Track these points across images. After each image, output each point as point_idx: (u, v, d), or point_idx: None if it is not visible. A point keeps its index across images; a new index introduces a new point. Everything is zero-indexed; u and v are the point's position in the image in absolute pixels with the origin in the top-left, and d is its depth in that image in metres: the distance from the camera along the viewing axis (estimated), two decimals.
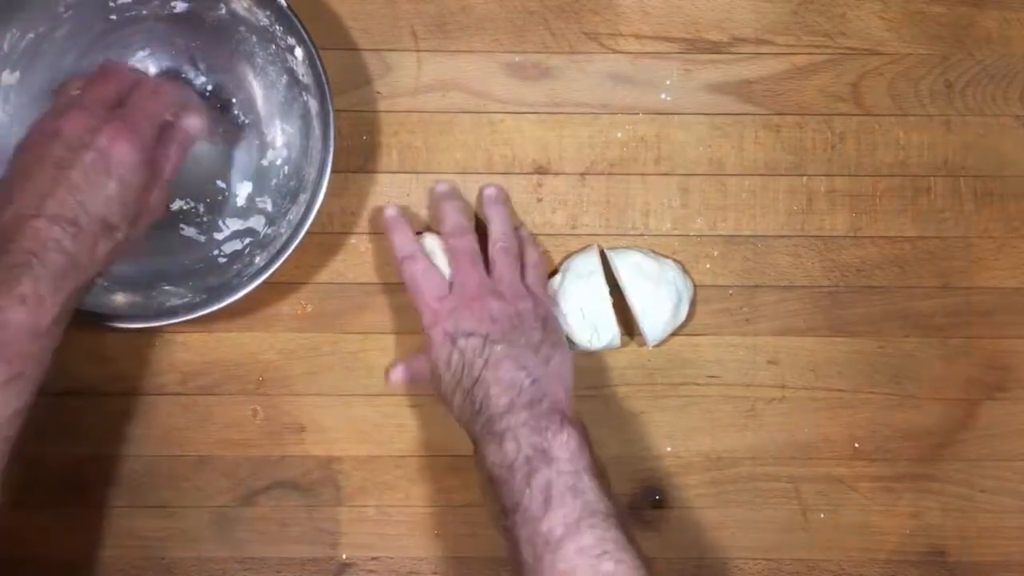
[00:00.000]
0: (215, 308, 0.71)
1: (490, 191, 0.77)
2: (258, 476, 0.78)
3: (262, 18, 0.72)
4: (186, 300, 0.73)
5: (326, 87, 0.71)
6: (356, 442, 0.78)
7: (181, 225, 0.78)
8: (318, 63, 0.70)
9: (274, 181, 0.77)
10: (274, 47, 0.73)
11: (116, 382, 0.78)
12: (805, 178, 0.79)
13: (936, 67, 0.79)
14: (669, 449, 0.79)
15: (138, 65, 0.76)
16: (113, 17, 0.74)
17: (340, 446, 0.78)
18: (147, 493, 0.78)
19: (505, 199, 0.77)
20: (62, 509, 0.78)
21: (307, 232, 0.71)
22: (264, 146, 0.77)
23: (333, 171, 0.71)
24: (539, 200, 0.79)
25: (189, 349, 0.78)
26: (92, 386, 0.78)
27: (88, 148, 0.62)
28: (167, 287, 0.75)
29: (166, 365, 0.78)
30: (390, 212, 0.76)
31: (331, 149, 0.71)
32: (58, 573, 0.78)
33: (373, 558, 0.79)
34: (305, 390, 0.78)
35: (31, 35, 0.73)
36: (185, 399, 0.78)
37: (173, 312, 0.72)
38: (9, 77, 0.73)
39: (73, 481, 0.78)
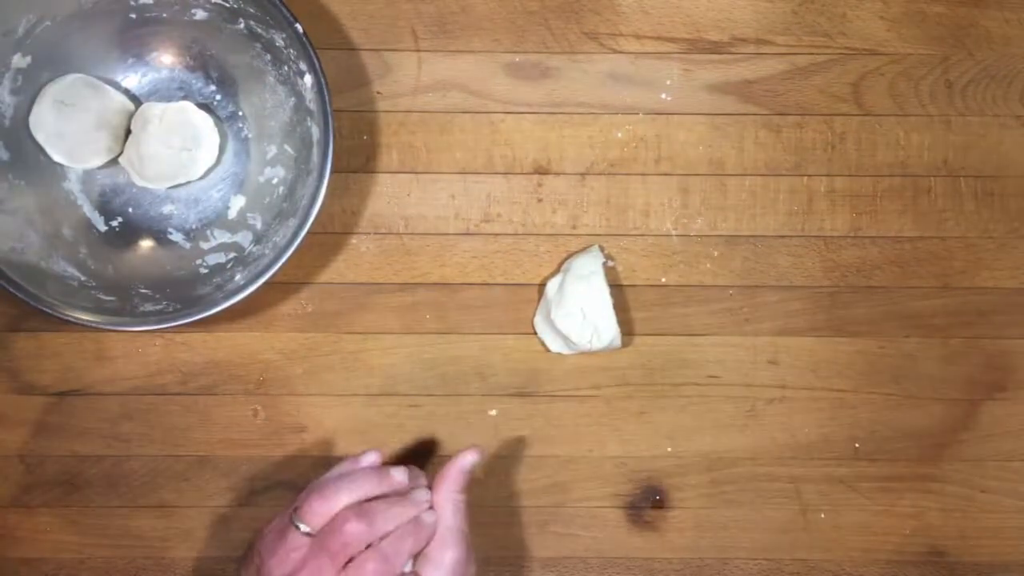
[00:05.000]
0: (185, 322, 0.71)
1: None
2: (258, 476, 0.78)
3: (278, 39, 0.72)
4: (160, 307, 0.73)
5: (329, 118, 0.70)
6: (356, 442, 0.78)
7: (169, 229, 0.78)
8: (325, 94, 0.70)
9: (267, 199, 0.77)
10: (286, 68, 0.73)
11: (116, 382, 0.78)
12: (805, 178, 0.79)
13: (936, 67, 0.79)
14: (669, 449, 0.79)
15: (152, 64, 0.76)
16: (133, 16, 0.75)
17: (340, 446, 0.78)
18: (147, 493, 0.78)
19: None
20: (62, 509, 0.78)
21: (292, 253, 0.71)
22: (263, 163, 0.77)
23: (334, 171, 0.71)
24: (539, 200, 0.79)
25: (189, 349, 0.78)
26: (92, 386, 0.78)
27: None
28: (144, 290, 0.75)
29: (166, 365, 0.78)
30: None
31: (325, 179, 0.70)
32: (58, 573, 0.78)
33: None
34: (305, 390, 0.79)
35: (48, 22, 0.73)
36: (185, 399, 0.78)
37: (144, 317, 0.72)
38: (21, 60, 0.73)
39: (73, 481, 0.78)
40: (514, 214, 0.79)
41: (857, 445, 0.79)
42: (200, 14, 0.74)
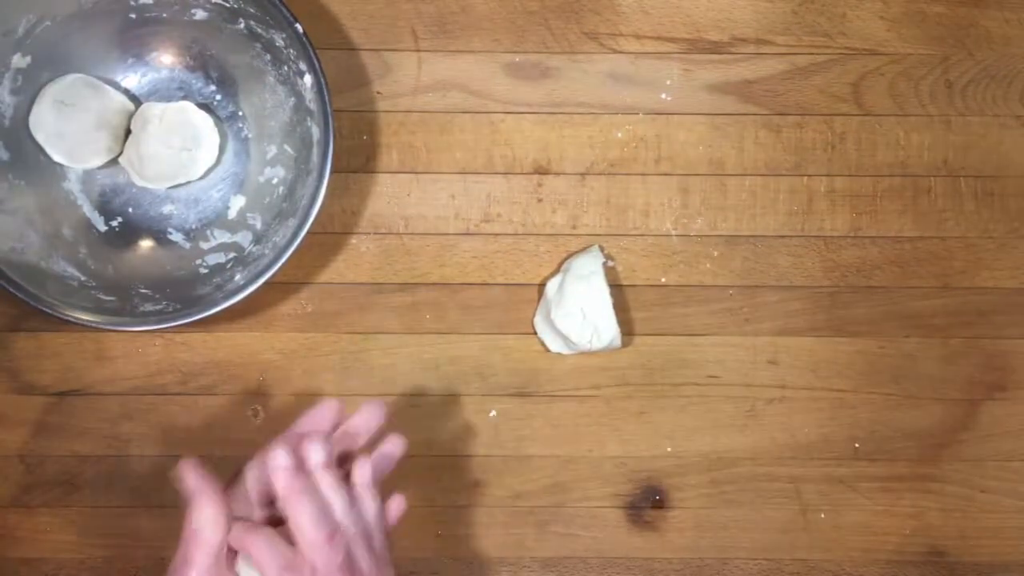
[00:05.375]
0: (185, 322, 0.71)
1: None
2: None
3: (278, 39, 0.72)
4: (160, 307, 0.73)
5: (329, 118, 0.70)
6: None
7: (169, 229, 0.77)
8: (325, 94, 0.70)
9: (267, 199, 0.77)
10: (286, 68, 0.73)
11: (116, 382, 0.78)
12: (805, 178, 0.79)
13: (936, 67, 0.79)
14: (669, 449, 0.79)
15: (152, 64, 0.76)
16: (133, 16, 0.75)
17: None
18: (147, 493, 0.78)
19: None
20: (62, 509, 0.78)
21: (291, 253, 0.71)
22: (263, 163, 0.77)
23: (334, 171, 0.71)
24: (539, 200, 0.79)
25: (189, 349, 0.78)
26: (92, 386, 0.78)
27: None
28: (144, 290, 0.75)
29: (166, 365, 0.78)
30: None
31: (325, 179, 0.71)
32: (58, 573, 0.78)
33: None
34: (305, 390, 0.78)
35: (48, 22, 0.73)
36: (185, 399, 0.78)
37: (144, 317, 0.72)
38: (21, 60, 0.73)
39: (73, 481, 0.78)
40: (514, 214, 0.79)
41: (857, 445, 0.79)
42: (200, 14, 0.74)
